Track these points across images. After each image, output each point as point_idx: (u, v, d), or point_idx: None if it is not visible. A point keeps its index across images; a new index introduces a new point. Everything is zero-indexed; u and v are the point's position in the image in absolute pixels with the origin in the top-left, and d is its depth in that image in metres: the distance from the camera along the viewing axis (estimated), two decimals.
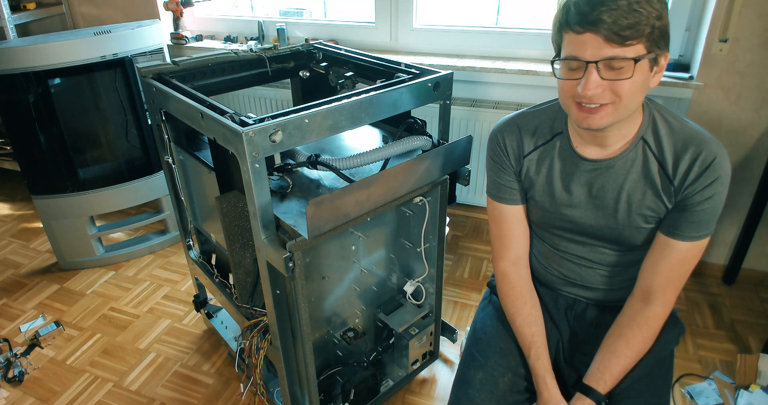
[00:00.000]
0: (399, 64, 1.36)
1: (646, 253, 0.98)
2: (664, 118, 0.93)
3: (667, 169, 0.91)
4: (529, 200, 1.07)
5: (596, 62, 0.79)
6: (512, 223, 1.09)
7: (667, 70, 1.77)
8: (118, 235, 2.40)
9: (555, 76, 0.87)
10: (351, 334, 1.37)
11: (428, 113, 2.00)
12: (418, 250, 1.38)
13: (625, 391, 0.97)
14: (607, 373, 0.96)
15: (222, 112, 1.03)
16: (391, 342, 1.47)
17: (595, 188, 0.98)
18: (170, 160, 1.43)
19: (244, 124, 0.97)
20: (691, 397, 1.53)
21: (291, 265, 1.02)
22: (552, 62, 0.87)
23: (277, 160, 1.23)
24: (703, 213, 0.90)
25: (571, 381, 1.06)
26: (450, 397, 1.07)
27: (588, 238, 1.04)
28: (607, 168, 0.96)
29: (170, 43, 2.49)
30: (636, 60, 0.79)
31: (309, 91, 1.67)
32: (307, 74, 1.59)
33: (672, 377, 1.07)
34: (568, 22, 0.81)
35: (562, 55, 0.84)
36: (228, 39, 2.49)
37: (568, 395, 1.00)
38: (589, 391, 0.96)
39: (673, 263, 0.94)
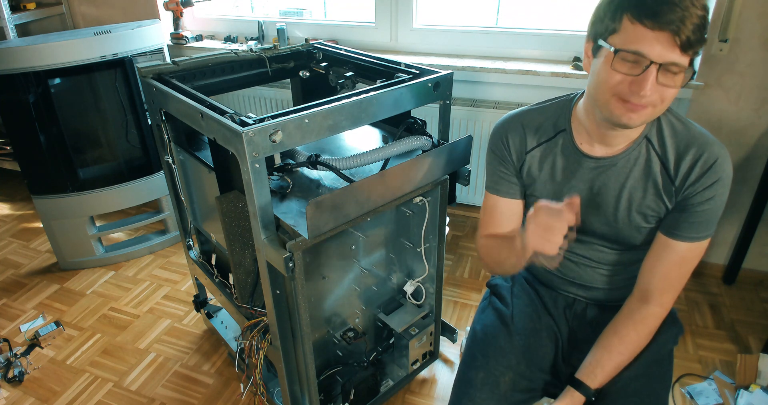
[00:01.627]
0: (399, 64, 1.36)
1: (646, 253, 0.98)
2: (668, 119, 0.93)
3: (669, 168, 0.91)
4: (530, 197, 1.07)
5: (660, 65, 0.77)
6: (503, 217, 1.08)
7: None
8: (118, 235, 2.40)
9: (612, 49, 0.80)
10: (351, 334, 1.37)
11: (428, 113, 2.00)
12: (418, 250, 1.38)
13: (622, 390, 0.97)
14: (598, 368, 0.96)
15: (222, 112, 1.03)
16: (391, 342, 1.47)
17: (597, 186, 0.98)
18: (170, 160, 1.43)
19: (244, 124, 0.97)
20: (691, 397, 1.53)
21: (291, 265, 1.02)
22: (598, 45, 0.83)
23: (277, 160, 1.23)
24: (703, 214, 0.90)
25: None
26: (451, 398, 1.07)
27: (588, 236, 1.04)
28: (610, 166, 0.96)
29: (170, 43, 2.49)
30: (692, 71, 0.78)
31: (309, 91, 1.67)
32: (307, 74, 1.59)
33: (671, 377, 1.07)
34: (643, 12, 0.75)
35: (620, 44, 0.79)
36: (228, 39, 2.49)
37: None
38: (579, 385, 0.96)
39: (672, 264, 0.94)
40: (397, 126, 1.35)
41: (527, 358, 1.07)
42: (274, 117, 0.99)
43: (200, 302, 1.74)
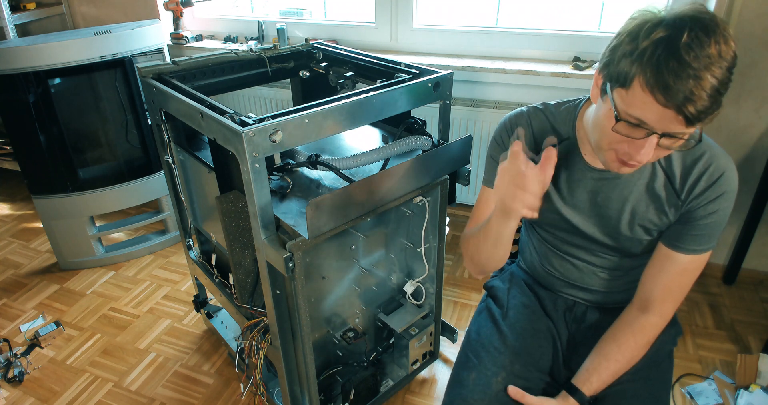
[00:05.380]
0: (399, 64, 1.36)
1: (648, 262, 0.98)
2: None
3: (675, 182, 0.91)
4: None
5: (661, 135, 0.74)
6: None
7: None
8: (118, 235, 2.40)
9: (614, 110, 0.76)
10: (351, 334, 1.37)
11: (428, 113, 2.00)
12: (418, 250, 1.38)
13: (622, 392, 0.97)
14: (595, 375, 0.96)
15: (222, 112, 1.03)
16: (391, 342, 1.47)
17: (600, 197, 0.98)
18: (170, 160, 1.43)
19: (244, 124, 0.97)
20: (691, 397, 1.53)
21: (291, 265, 1.02)
22: (610, 90, 0.77)
23: (277, 160, 1.23)
24: (706, 227, 0.90)
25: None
26: (444, 398, 1.07)
27: (589, 242, 1.04)
28: (614, 178, 0.95)
29: (170, 43, 2.49)
30: (694, 139, 0.76)
31: (309, 91, 1.67)
32: (307, 74, 1.59)
33: (671, 379, 1.07)
34: (657, 82, 0.69)
35: (625, 107, 0.74)
36: (228, 39, 2.49)
37: None
38: (574, 392, 0.96)
39: (673, 275, 0.94)
40: (397, 126, 1.35)
41: (523, 357, 1.06)
42: (274, 117, 0.99)
43: (200, 302, 1.74)
